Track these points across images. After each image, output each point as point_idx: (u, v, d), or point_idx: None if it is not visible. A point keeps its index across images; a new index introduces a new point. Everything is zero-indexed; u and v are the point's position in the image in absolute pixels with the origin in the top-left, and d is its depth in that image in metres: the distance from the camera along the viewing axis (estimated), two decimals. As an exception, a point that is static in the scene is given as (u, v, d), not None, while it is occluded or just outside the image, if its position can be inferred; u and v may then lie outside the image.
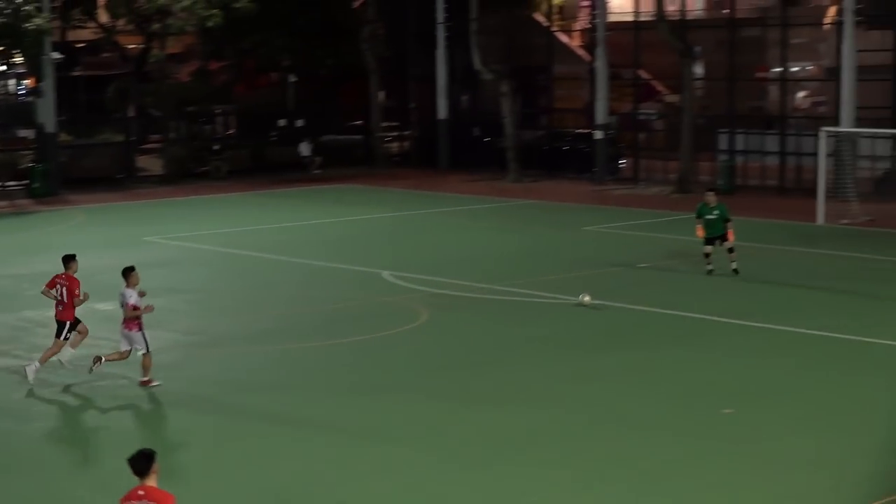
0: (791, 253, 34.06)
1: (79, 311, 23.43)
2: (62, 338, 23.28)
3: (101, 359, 22.66)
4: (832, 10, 54.97)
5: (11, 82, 73.04)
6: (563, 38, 64.42)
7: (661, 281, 32.04)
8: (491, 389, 21.98)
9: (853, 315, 27.52)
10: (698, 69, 56.04)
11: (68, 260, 23.67)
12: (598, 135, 54.21)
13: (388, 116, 65.42)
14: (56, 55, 54.97)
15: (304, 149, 61.33)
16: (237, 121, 66.64)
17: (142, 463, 12.00)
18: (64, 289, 23.28)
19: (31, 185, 53.41)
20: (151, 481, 11.96)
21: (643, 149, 55.41)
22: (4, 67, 62.88)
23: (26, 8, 51.27)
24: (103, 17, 66.63)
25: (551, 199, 49.10)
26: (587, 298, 28.72)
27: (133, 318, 22.30)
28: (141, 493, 11.92)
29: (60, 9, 61.80)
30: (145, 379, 22.54)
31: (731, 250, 31.80)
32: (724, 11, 56.59)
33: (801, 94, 58.49)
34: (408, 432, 19.67)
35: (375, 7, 62.97)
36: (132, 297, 22.28)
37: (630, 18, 58.02)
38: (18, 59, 60.18)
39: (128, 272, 22.54)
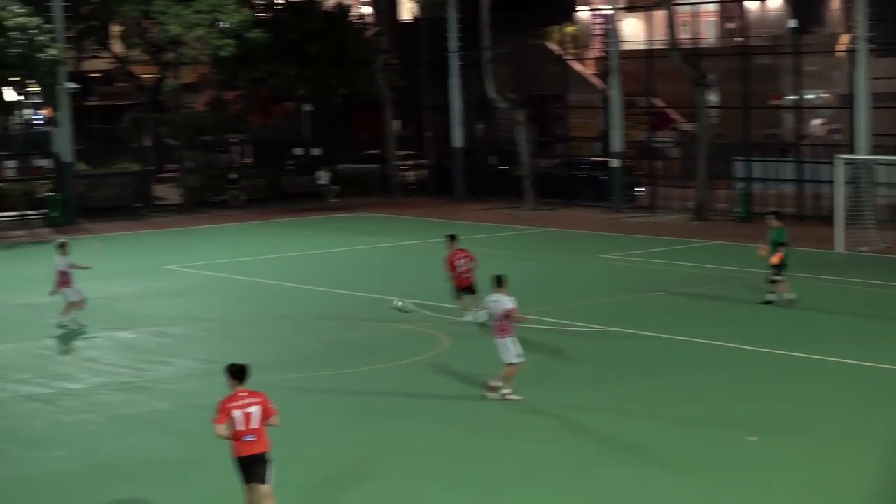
0: (811, 280, 33.98)
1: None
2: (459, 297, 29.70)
3: (491, 386, 23.10)
4: (845, 38, 55.06)
5: (28, 112, 73.33)
6: (577, 66, 64.57)
7: (679, 308, 31.95)
8: (511, 418, 21.89)
9: (878, 343, 27.40)
10: (713, 97, 56.09)
11: (453, 238, 30.38)
12: (615, 163, 54.21)
13: (404, 145, 65.51)
14: (71, 85, 55.21)
15: (322, 177, 61.43)
16: (253, 150, 66.83)
17: (243, 372, 16.08)
18: (469, 262, 29.50)
19: (49, 215, 53.64)
20: (246, 386, 15.98)
21: (659, 177, 55.40)
22: (21, 97, 63.09)
23: (40, 38, 51.45)
24: (117, 47, 66.89)
25: (568, 227, 49.11)
26: (401, 303, 29.02)
27: (501, 327, 22.73)
28: (242, 394, 15.94)
29: (75, 39, 62.04)
30: (492, 384, 22.89)
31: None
32: (738, 40, 56.69)
33: (815, 121, 58.55)
34: (421, 460, 19.66)
35: (388, 37, 63.11)
36: (509, 304, 22.68)
37: (643, 46, 58.15)
38: (34, 89, 60.38)
39: (501, 280, 23.25)
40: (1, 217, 55.98)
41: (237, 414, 15.81)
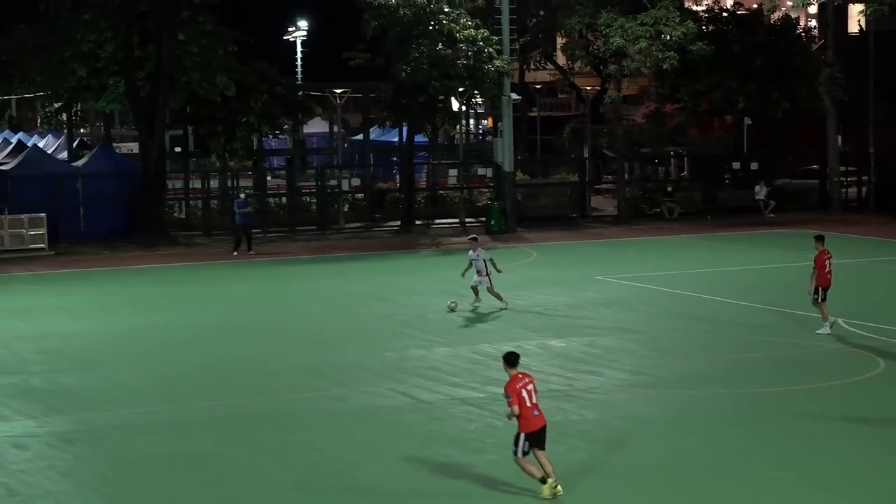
0: None
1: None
2: (821, 300, 30.31)
3: None
4: None
5: (471, 122, 75.61)
6: None
7: None
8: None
9: None
10: None
11: (822, 239, 31.20)
12: None
13: (845, 161, 63.97)
14: (514, 96, 56.56)
15: (760, 192, 60.70)
16: (690, 163, 66.73)
17: (517, 357, 18.54)
18: (829, 262, 30.60)
19: (488, 222, 55.08)
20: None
21: None
22: (465, 108, 65.12)
23: (487, 50, 53.11)
24: (560, 59, 68.14)
25: None
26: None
27: None
28: (520, 376, 18.29)
29: (519, 51, 63.57)
30: None
31: None
32: None
33: None
34: (845, 486, 19.16)
35: (834, 50, 61.78)
36: None
37: None
38: (478, 100, 62.24)
39: None
40: (442, 223, 57.99)
41: (524, 393, 18.15)
